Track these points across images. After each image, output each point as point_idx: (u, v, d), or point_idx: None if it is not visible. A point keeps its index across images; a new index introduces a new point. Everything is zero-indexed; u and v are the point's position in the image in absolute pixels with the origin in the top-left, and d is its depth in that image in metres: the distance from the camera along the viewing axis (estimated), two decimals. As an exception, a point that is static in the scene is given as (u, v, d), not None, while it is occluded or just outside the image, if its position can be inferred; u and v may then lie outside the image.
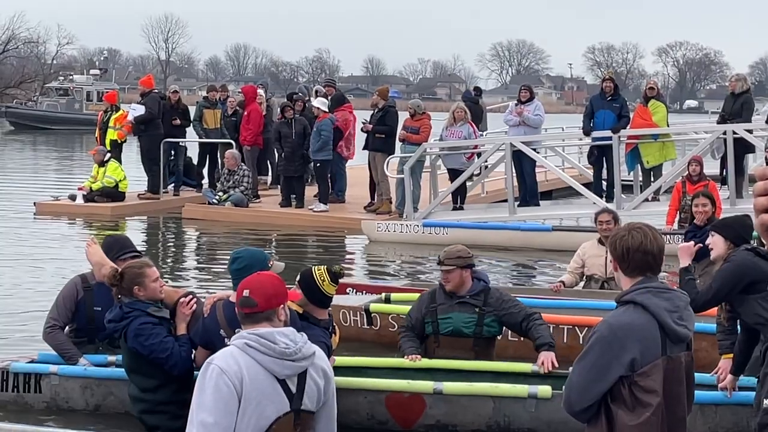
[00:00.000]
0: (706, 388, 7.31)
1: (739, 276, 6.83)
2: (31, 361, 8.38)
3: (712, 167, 20.03)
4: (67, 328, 8.37)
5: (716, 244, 7.21)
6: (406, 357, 8.24)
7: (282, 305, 4.53)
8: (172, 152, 22.64)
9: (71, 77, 69.75)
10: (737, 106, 18.28)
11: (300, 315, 6.68)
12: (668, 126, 19.36)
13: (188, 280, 14.67)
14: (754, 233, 13.61)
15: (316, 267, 6.98)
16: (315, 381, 4.40)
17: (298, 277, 6.85)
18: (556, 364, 7.95)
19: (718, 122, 18.85)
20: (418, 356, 8.22)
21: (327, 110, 19.79)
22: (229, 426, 4.17)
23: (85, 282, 8.25)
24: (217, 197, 20.33)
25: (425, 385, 7.56)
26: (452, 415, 7.52)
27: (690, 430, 7.14)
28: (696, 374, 7.54)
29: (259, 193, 21.60)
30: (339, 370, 8.31)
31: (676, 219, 15.86)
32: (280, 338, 4.31)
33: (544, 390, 7.30)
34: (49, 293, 11.98)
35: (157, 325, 6.82)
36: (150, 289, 6.97)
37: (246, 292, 4.47)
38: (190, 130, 23.15)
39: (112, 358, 8.32)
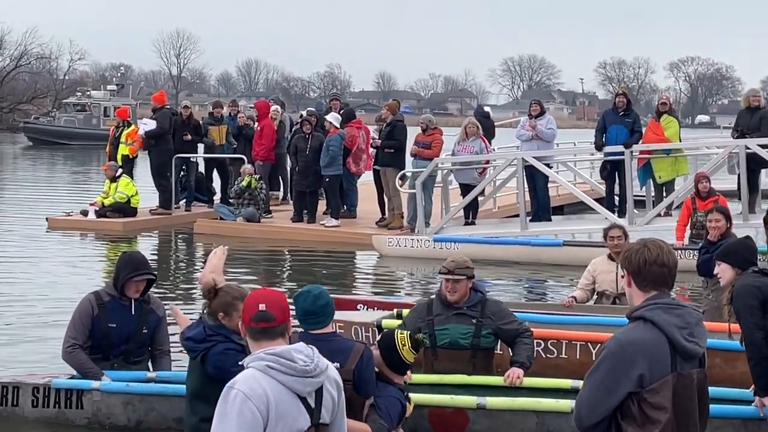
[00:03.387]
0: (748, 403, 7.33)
1: (753, 294, 6.80)
2: (72, 377, 8.34)
3: (729, 182, 19.98)
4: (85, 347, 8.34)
5: (724, 272, 7.17)
6: None
7: (291, 321, 4.46)
8: (184, 167, 22.68)
9: (88, 93, 70.08)
10: (755, 121, 18.14)
11: (376, 374, 6.55)
12: (680, 141, 19.27)
13: (199, 296, 14.63)
14: (762, 247, 13.60)
15: (400, 331, 6.84)
16: (330, 393, 4.34)
17: (378, 337, 6.69)
18: (521, 381, 7.92)
19: (733, 137, 18.75)
20: (409, 374, 8.16)
21: (338, 126, 19.81)
22: None
23: (98, 299, 8.20)
24: (235, 212, 20.29)
25: (469, 400, 7.55)
26: (495, 430, 7.51)
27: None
28: (734, 390, 7.60)
29: (271, 208, 21.61)
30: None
31: (687, 235, 15.81)
32: (297, 356, 4.21)
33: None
34: (62, 308, 12.06)
35: (240, 353, 6.44)
36: (234, 323, 6.48)
37: (262, 306, 4.31)
38: (202, 146, 23.19)
39: (151, 374, 8.31)
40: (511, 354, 8.29)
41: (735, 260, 7.13)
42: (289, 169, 22.52)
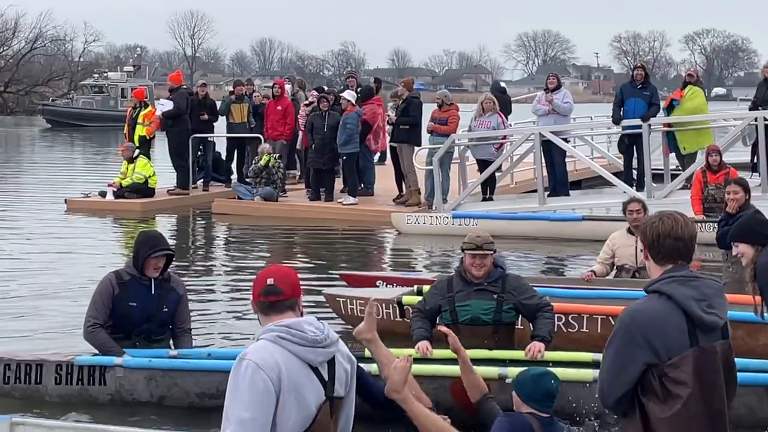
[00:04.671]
0: None
1: None
2: (96, 354, 8.38)
3: (742, 155, 19.92)
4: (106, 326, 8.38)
5: (744, 252, 7.12)
6: (416, 348, 8.17)
7: (301, 296, 4.49)
8: (201, 147, 22.72)
9: (106, 74, 70.20)
10: (770, 93, 18.11)
11: None
12: (707, 113, 19.14)
13: (219, 275, 14.71)
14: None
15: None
16: (343, 366, 4.35)
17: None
18: (542, 355, 7.97)
19: (750, 109, 18.70)
20: (430, 348, 8.18)
21: (354, 103, 19.78)
22: (266, 422, 4.07)
23: (119, 278, 8.23)
24: (253, 192, 20.31)
25: (490, 371, 7.56)
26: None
27: (757, 411, 7.20)
28: (756, 361, 7.57)
29: (289, 186, 21.63)
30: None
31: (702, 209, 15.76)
32: (307, 327, 4.23)
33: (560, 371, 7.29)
34: (82, 288, 12.13)
35: None
36: None
37: (270, 281, 4.33)
38: (218, 125, 23.21)
39: (173, 352, 8.35)
40: (531, 329, 8.32)
41: (753, 238, 7.08)
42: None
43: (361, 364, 4.87)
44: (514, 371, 7.56)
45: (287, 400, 4.11)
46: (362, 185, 20.64)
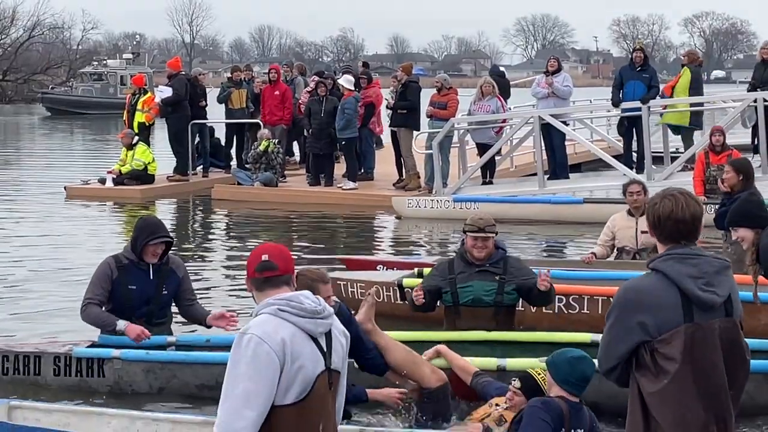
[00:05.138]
0: None
1: None
2: (92, 344, 8.39)
3: (743, 136, 19.91)
4: (103, 308, 8.38)
5: (744, 236, 7.10)
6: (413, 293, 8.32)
7: (295, 273, 4.48)
8: (198, 134, 22.71)
9: (105, 62, 70.17)
10: (767, 75, 18.10)
11: None
12: (690, 91, 19.17)
13: (219, 260, 14.72)
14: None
15: (532, 370, 6.63)
16: (339, 340, 4.35)
17: (518, 383, 6.61)
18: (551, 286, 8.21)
19: (749, 91, 18.68)
20: (418, 295, 8.28)
21: (352, 88, 19.77)
22: (270, 395, 4.06)
23: (118, 262, 8.23)
24: (252, 177, 20.30)
25: (489, 362, 7.56)
26: None
27: (756, 397, 7.21)
28: (756, 340, 7.57)
29: (289, 172, 21.62)
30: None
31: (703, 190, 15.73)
32: (305, 299, 4.24)
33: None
34: (80, 273, 12.14)
35: None
36: None
37: (265, 257, 4.34)
38: (217, 111, 23.19)
39: (171, 338, 8.37)
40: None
41: (752, 221, 7.06)
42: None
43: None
44: (512, 363, 7.57)
45: (290, 371, 4.10)
46: (362, 170, 20.63)
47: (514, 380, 6.57)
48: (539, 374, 6.49)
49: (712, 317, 4.43)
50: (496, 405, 6.78)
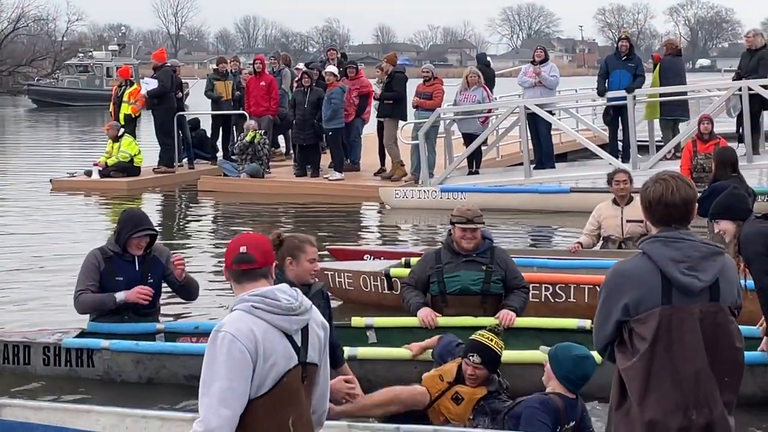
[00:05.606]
0: (753, 341, 7.38)
1: (760, 241, 6.80)
2: (81, 332, 8.42)
3: (728, 125, 19.95)
4: None
5: (726, 228, 7.16)
6: (420, 318, 8.27)
7: (274, 264, 4.50)
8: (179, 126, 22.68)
9: (90, 54, 69.92)
10: (753, 63, 18.12)
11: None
12: (662, 81, 19.25)
13: (206, 251, 14.71)
14: (764, 187, 13.54)
15: (480, 336, 6.79)
16: (317, 333, 4.37)
17: (478, 358, 6.62)
18: (512, 323, 8.14)
19: (734, 79, 18.72)
20: (433, 317, 8.27)
21: (338, 78, 19.78)
22: (245, 392, 4.12)
23: (104, 253, 8.27)
24: (238, 169, 20.29)
25: None
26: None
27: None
28: (742, 327, 7.61)
29: (276, 163, 21.62)
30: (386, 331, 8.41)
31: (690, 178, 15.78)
32: (281, 295, 4.26)
33: (597, 355, 7.31)
34: (66, 266, 12.13)
35: None
36: (303, 267, 6.70)
37: (243, 249, 4.35)
38: (202, 103, 23.13)
39: (160, 326, 8.42)
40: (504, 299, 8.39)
41: (733, 214, 7.12)
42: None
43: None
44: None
45: (263, 369, 4.15)
46: (348, 160, 20.64)
47: (473, 355, 6.61)
48: (490, 339, 6.64)
49: (694, 301, 4.48)
50: (441, 378, 6.89)
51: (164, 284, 8.49)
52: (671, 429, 4.45)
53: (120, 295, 8.14)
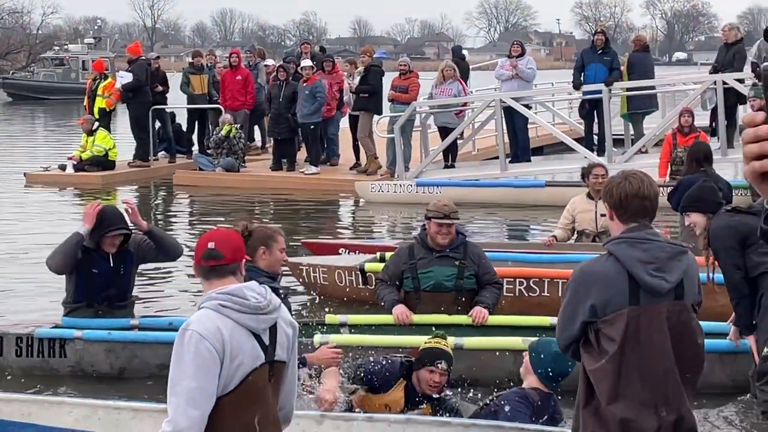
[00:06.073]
0: (724, 337, 7.47)
1: (729, 234, 6.80)
2: (55, 326, 8.40)
3: (702, 118, 20.02)
4: (65, 295, 8.41)
5: (696, 221, 7.18)
6: (395, 316, 8.25)
7: (244, 260, 4.46)
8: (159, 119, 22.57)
9: (66, 47, 69.53)
10: (729, 57, 18.21)
11: None
12: (631, 76, 19.31)
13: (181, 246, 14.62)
14: (740, 181, 13.60)
15: (432, 341, 6.69)
16: (285, 331, 4.34)
17: (445, 365, 6.54)
18: (485, 320, 8.12)
19: (711, 73, 18.79)
20: (408, 314, 8.24)
21: (314, 71, 19.73)
22: (213, 392, 4.08)
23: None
24: (214, 163, 20.23)
25: (449, 341, 7.58)
26: (473, 370, 7.59)
27: (709, 377, 7.28)
28: (711, 323, 7.68)
29: (251, 157, 21.56)
30: (361, 328, 8.41)
31: (668, 171, 15.83)
32: (249, 293, 4.21)
33: None
34: (40, 260, 12.05)
35: None
36: (275, 256, 6.73)
37: (211, 245, 4.31)
38: (177, 97, 23.05)
39: (134, 321, 8.40)
40: (477, 296, 8.38)
41: (704, 207, 7.14)
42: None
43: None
44: (470, 341, 7.63)
45: (230, 368, 4.12)
46: (330, 155, 20.67)
47: (440, 362, 6.57)
48: (445, 345, 6.59)
49: (661, 301, 4.51)
50: (388, 408, 6.62)
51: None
52: (643, 427, 4.46)
53: (82, 229, 8.11)
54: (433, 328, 7.09)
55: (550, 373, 6.10)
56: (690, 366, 4.58)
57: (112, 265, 8.24)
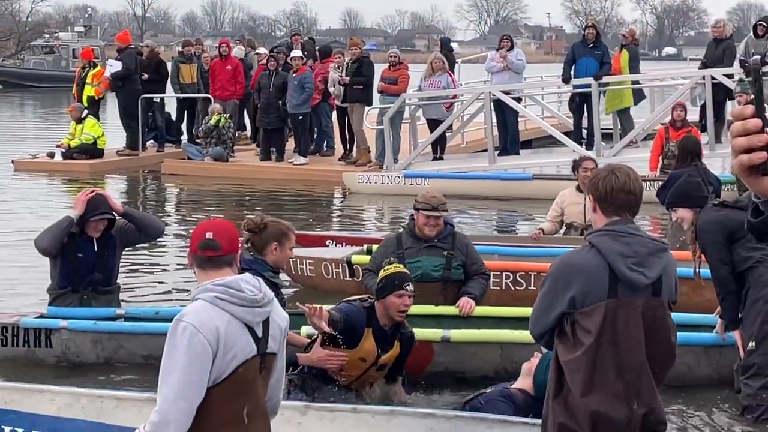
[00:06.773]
0: (711, 329, 7.48)
1: (716, 229, 6.81)
2: (41, 316, 8.39)
3: (692, 114, 20.06)
4: (51, 282, 8.42)
5: (683, 216, 7.19)
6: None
7: (239, 252, 4.44)
8: (152, 108, 22.53)
9: (56, 35, 69.35)
10: (719, 53, 18.26)
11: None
12: (629, 72, 19.34)
13: (169, 235, 14.62)
14: (728, 176, 13.63)
15: (394, 267, 6.93)
16: (278, 323, 4.32)
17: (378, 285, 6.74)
18: (472, 311, 8.12)
19: (701, 68, 18.84)
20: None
21: (304, 62, 19.72)
22: (203, 384, 4.05)
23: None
24: (203, 152, 20.21)
25: (433, 334, 7.62)
26: (460, 362, 7.62)
27: (695, 369, 7.32)
28: (698, 315, 7.71)
29: (240, 147, 21.54)
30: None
31: (659, 165, 15.86)
32: (245, 286, 4.17)
33: None
34: (27, 248, 12.03)
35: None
36: (285, 254, 6.81)
37: (209, 235, 4.27)
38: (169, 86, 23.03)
39: (120, 311, 8.40)
40: (464, 287, 8.38)
41: (690, 202, 7.15)
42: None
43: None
44: (456, 333, 7.64)
45: (223, 361, 4.09)
46: (324, 146, 20.70)
47: (407, 285, 6.76)
48: (400, 267, 6.93)
49: (638, 295, 4.54)
50: (363, 360, 6.83)
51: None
52: (614, 420, 4.49)
53: (73, 214, 8.15)
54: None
55: (544, 385, 6.11)
56: (660, 362, 4.61)
57: (96, 249, 8.29)
